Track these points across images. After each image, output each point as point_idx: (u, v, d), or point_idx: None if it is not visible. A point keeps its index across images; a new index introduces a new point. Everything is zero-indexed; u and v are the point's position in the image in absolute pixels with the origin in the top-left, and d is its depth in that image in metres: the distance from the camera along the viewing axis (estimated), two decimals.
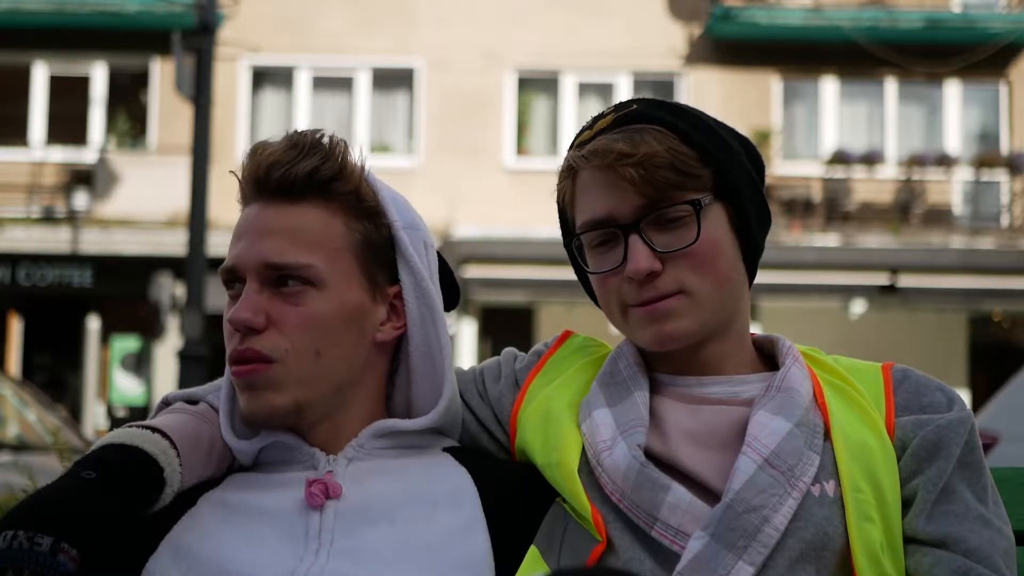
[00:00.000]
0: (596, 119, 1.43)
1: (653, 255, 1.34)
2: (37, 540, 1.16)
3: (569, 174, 1.43)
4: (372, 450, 1.41)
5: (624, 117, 1.40)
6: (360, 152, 1.44)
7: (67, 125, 15.69)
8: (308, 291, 1.37)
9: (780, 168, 15.12)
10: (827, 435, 1.32)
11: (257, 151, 1.40)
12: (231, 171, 1.44)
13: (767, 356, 1.45)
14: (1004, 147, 15.71)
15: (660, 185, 1.34)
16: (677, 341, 1.36)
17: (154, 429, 1.33)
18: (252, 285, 1.36)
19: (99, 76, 15.80)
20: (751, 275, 1.45)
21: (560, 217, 1.48)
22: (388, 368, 1.47)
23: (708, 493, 1.29)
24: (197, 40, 10.94)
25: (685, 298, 1.35)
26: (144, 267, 14.64)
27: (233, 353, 1.36)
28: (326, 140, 1.40)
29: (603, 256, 1.39)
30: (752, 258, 1.42)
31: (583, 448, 1.37)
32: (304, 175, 1.37)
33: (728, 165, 1.38)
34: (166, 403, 1.47)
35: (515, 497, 1.39)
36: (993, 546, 1.27)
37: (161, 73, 15.44)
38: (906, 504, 1.31)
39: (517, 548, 1.35)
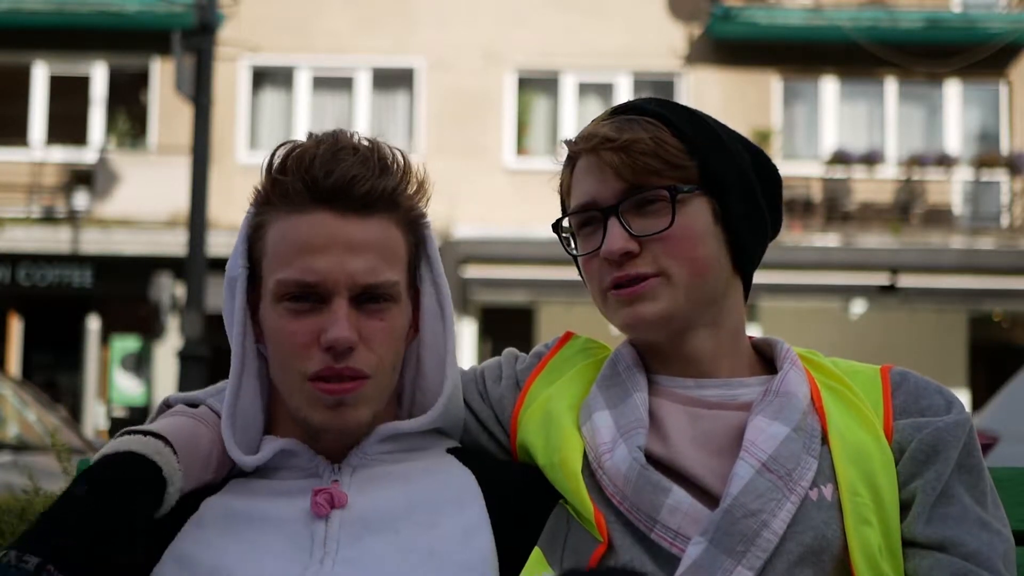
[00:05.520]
0: (600, 116, 1.46)
1: (628, 237, 1.36)
2: (24, 559, 1.18)
3: (568, 163, 1.46)
4: (376, 456, 1.41)
5: (620, 109, 1.44)
6: (422, 167, 1.43)
7: (67, 125, 15.68)
8: (391, 307, 1.37)
9: (780, 168, 15.02)
10: (825, 439, 1.32)
11: (316, 158, 1.35)
12: (274, 175, 1.37)
13: (766, 360, 1.45)
14: (1004, 147, 15.70)
15: (639, 170, 1.36)
16: (651, 325, 1.37)
17: (149, 433, 1.32)
18: (342, 303, 1.33)
19: (99, 76, 15.80)
20: (746, 277, 1.45)
21: (561, 207, 1.50)
22: None
23: (708, 496, 1.29)
24: (197, 40, 10.94)
25: (661, 280, 1.36)
26: (144, 267, 14.64)
27: (327, 371, 1.32)
28: (388, 152, 1.39)
29: (587, 240, 1.42)
30: (742, 257, 1.42)
31: (584, 450, 1.37)
32: (389, 191, 1.37)
33: (715, 160, 1.39)
34: (167, 405, 1.46)
35: (519, 498, 1.39)
36: (992, 549, 1.27)
37: (161, 73, 15.44)
38: (905, 507, 1.31)
39: (521, 549, 1.35)
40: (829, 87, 15.84)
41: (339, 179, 1.34)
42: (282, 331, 1.35)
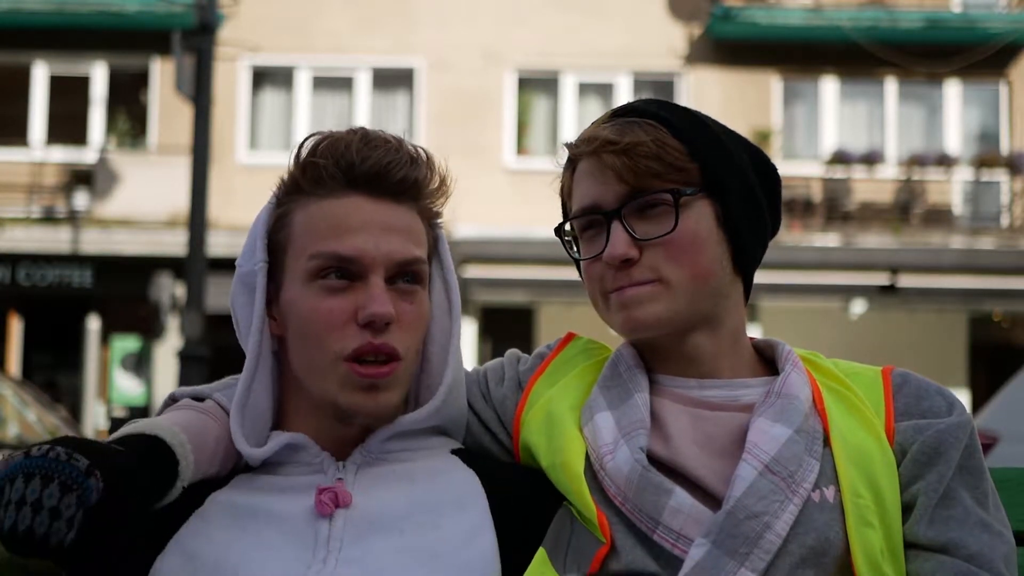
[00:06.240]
0: (600, 118, 1.46)
1: (631, 242, 1.36)
2: (75, 457, 1.15)
3: (569, 165, 1.46)
4: (380, 454, 1.41)
5: (621, 111, 1.44)
6: (445, 163, 1.46)
7: (67, 125, 15.68)
8: (418, 290, 1.39)
9: (780, 168, 14.93)
10: (826, 441, 1.32)
11: (351, 144, 1.38)
12: (307, 160, 1.39)
13: (767, 361, 1.45)
14: (1004, 147, 15.70)
15: (642, 173, 1.36)
16: (648, 328, 1.37)
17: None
18: (379, 280, 1.35)
19: (99, 76, 15.80)
20: (746, 278, 1.45)
21: (563, 209, 1.50)
22: None
23: (710, 497, 1.29)
24: (197, 40, 10.95)
25: (659, 286, 1.36)
26: (144, 267, 14.63)
27: (366, 347, 1.33)
28: (412, 147, 1.43)
29: (590, 243, 1.42)
30: (744, 258, 1.42)
31: (587, 451, 1.37)
32: (420, 181, 1.40)
33: (717, 162, 1.39)
34: (173, 399, 1.46)
35: (522, 500, 1.39)
36: (994, 551, 1.27)
37: (161, 73, 15.43)
38: (907, 509, 1.31)
39: (524, 550, 1.35)
40: (829, 87, 15.84)
41: (375, 164, 1.38)
42: (317, 310, 1.35)
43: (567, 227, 1.47)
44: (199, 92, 10.86)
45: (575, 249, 1.46)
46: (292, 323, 1.38)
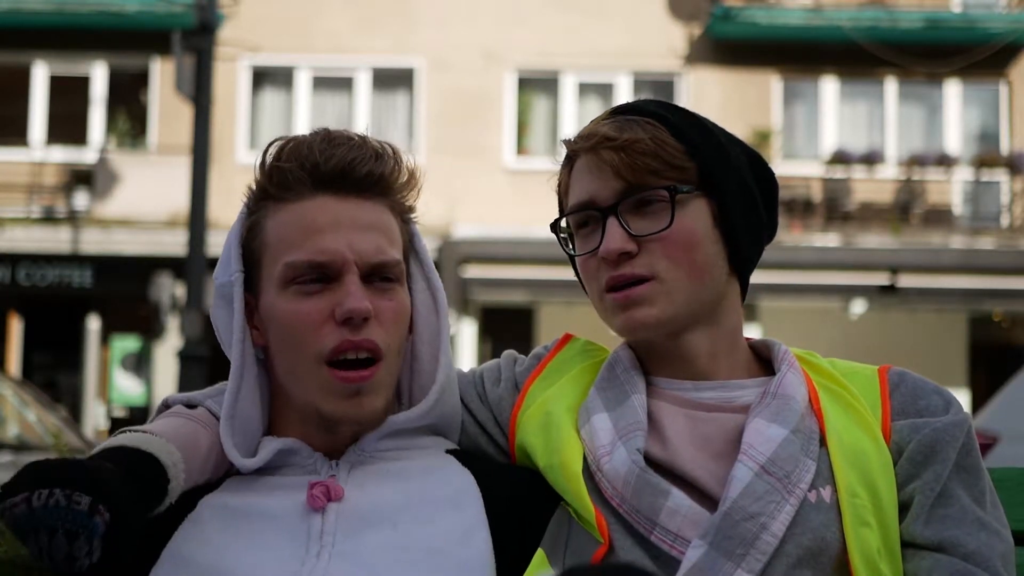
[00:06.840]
0: (599, 116, 1.46)
1: (627, 237, 1.36)
2: (76, 499, 1.12)
3: (566, 162, 1.46)
4: (374, 453, 1.40)
5: (620, 110, 1.44)
6: (411, 157, 1.46)
7: (67, 125, 15.68)
8: (395, 287, 1.38)
9: (780, 168, 15.10)
10: (823, 441, 1.32)
11: (314, 146, 1.38)
12: (272, 165, 1.39)
13: (764, 361, 1.45)
14: (1004, 147, 15.70)
15: (639, 170, 1.36)
16: (647, 328, 1.37)
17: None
18: (354, 278, 1.34)
19: (99, 76, 15.80)
20: (743, 279, 1.45)
21: (559, 206, 1.50)
22: None
23: (707, 499, 1.29)
24: (197, 40, 10.95)
25: (656, 284, 1.36)
26: (144, 267, 14.63)
27: (345, 344, 1.32)
28: (377, 142, 1.42)
29: (585, 239, 1.42)
30: (740, 259, 1.42)
31: (584, 453, 1.37)
32: (386, 175, 1.39)
33: (714, 162, 1.39)
34: (166, 405, 1.46)
35: (518, 500, 1.39)
36: (991, 549, 1.27)
37: (161, 73, 15.43)
38: (903, 508, 1.31)
39: (519, 551, 1.35)
40: (829, 87, 15.84)
41: (339, 162, 1.37)
42: (295, 313, 1.35)
43: (563, 223, 1.47)
44: (199, 92, 10.86)
45: (571, 246, 1.46)
46: (272, 330, 1.38)
